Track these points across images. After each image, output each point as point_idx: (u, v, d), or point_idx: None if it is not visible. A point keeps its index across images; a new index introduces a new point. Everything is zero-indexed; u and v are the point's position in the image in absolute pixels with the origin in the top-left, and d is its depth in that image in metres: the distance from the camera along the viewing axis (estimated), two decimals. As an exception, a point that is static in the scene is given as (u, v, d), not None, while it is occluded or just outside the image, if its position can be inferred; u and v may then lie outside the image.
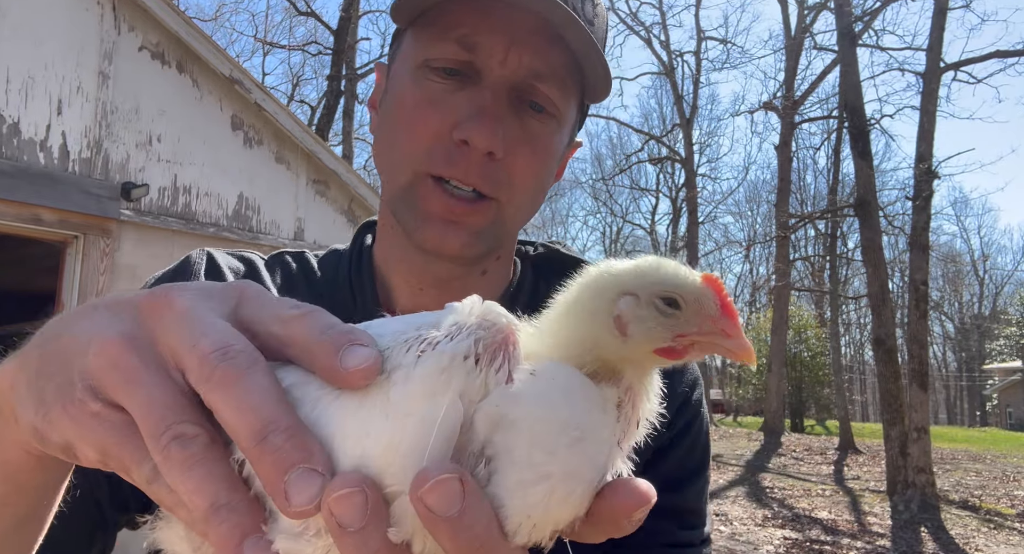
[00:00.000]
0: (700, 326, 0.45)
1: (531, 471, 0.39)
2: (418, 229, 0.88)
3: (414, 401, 0.38)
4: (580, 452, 0.40)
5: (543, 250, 1.09)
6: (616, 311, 0.45)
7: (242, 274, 0.97)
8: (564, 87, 0.89)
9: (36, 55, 6.29)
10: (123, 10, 6.81)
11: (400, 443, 0.38)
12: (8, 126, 6.16)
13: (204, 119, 7.48)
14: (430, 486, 0.37)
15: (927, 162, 12.90)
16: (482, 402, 0.40)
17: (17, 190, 6.09)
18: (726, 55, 46.48)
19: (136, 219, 6.92)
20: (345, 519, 0.37)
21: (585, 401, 0.42)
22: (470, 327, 0.41)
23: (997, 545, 9.62)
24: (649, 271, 0.46)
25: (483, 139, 0.82)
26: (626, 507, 0.42)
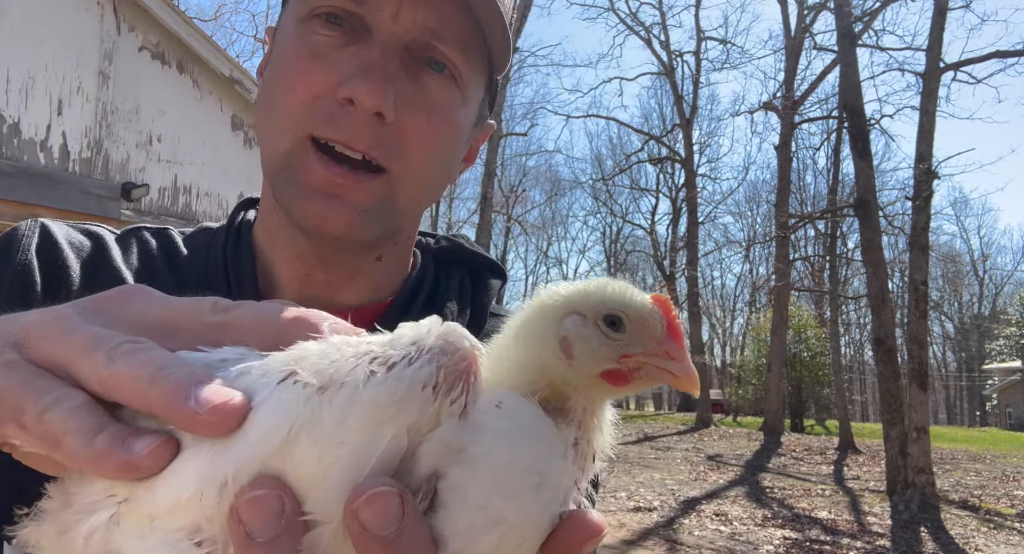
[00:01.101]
0: (646, 347, 0.44)
1: (484, 515, 0.36)
2: (296, 204, 0.77)
3: (353, 430, 0.34)
4: (538, 499, 0.38)
5: (446, 243, 1.01)
6: (562, 332, 0.44)
7: (87, 250, 0.83)
8: (466, 53, 0.80)
9: (36, 55, 6.29)
10: (123, 10, 6.81)
11: (328, 471, 0.34)
12: (8, 126, 6.17)
13: (204, 119, 7.48)
14: (367, 498, 0.33)
15: (927, 162, 12.90)
16: (438, 431, 0.36)
17: (17, 190, 6.09)
18: (726, 55, 46.51)
19: (136, 219, 6.92)
20: (255, 526, 0.33)
21: (547, 445, 0.40)
22: (432, 351, 0.37)
23: (997, 545, 9.62)
24: (595, 291, 0.45)
25: (370, 96, 0.73)
26: (578, 539, 0.40)
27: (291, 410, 0.35)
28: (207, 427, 0.35)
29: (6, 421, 0.38)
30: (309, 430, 0.34)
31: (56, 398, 0.37)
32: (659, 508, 11.16)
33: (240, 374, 0.38)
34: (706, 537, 9.47)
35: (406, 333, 0.39)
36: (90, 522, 0.37)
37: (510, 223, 49.83)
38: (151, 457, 0.36)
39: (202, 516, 0.35)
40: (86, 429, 0.36)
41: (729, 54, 42.50)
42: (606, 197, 51.57)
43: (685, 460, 17.48)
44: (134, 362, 0.38)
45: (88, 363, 0.39)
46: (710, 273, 60.35)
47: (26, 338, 0.41)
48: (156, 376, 0.37)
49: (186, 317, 0.44)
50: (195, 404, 0.35)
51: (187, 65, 7.32)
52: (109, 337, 0.40)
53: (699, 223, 36.46)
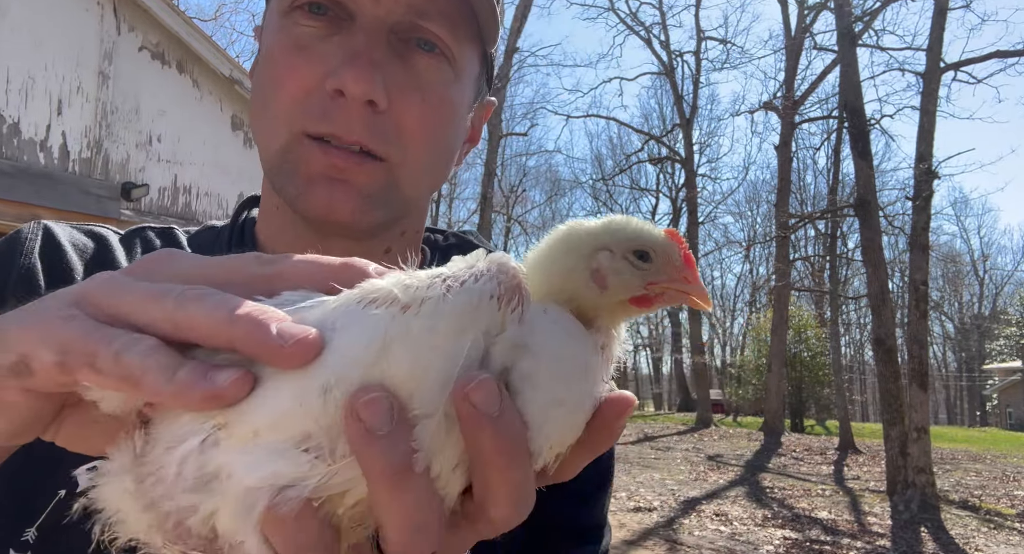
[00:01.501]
0: (668, 274, 0.51)
1: (549, 396, 0.43)
2: (301, 195, 0.76)
3: (441, 336, 0.40)
4: (586, 383, 0.45)
5: (455, 240, 1.01)
6: (594, 265, 0.50)
7: (90, 251, 0.83)
8: (455, 28, 0.78)
9: (36, 55, 6.29)
10: (123, 10, 6.81)
11: (426, 372, 0.39)
12: (8, 126, 6.17)
13: (204, 119, 7.49)
14: (476, 384, 0.39)
15: (927, 162, 12.90)
16: (505, 334, 0.42)
17: (17, 190, 6.09)
18: (726, 55, 46.53)
19: (136, 219, 6.92)
20: (375, 421, 0.37)
21: (585, 341, 0.47)
22: (491, 271, 0.43)
23: (997, 545, 9.62)
24: (621, 227, 0.51)
25: (358, 86, 0.71)
26: (615, 413, 0.46)
27: (381, 325, 0.39)
28: (292, 359, 0.38)
29: (80, 366, 0.39)
30: (402, 341, 0.39)
31: (129, 341, 0.39)
32: (659, 508, 11.16)
33: (314, 306, 0.42)
34: (706, 537, 9.47)
35: (460, 262, 0.44)
36: (182, 449, 0.39)
37: (510, 223, 49.84)
38: (234, 386, 0.38)
39: (309, 424, 0.38)
40: (165, 366, 0.38)
41: (729, 54, 42.55)
42: (606, 197, 51.61)
43: (685, 460, 17.48)
44: (207, 304, 0.39)
45: (157, 308, 0.40)
46: (710, 273, 60.37)
47: (84, 298, 0.42)
48: (232, 315, 0.39)
49: (232, 271, 0.45)
50: (279, 338, 0.38)
51: (187, 65, 7.32)
52: (172, 287, 0.41)
53: (699, 223, 36.46)
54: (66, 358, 0.39)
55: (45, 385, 0.41)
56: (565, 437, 0.44)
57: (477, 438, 0.39)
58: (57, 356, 0.39)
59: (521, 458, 0.41)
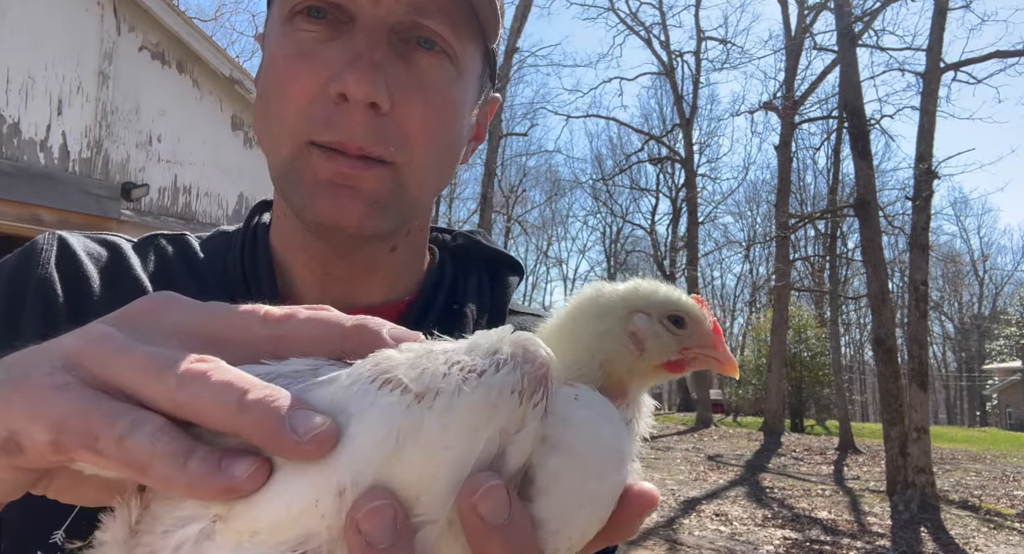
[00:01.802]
0: (701, 341, 0.52)
1: (580, 495, 0.40)
2: (309, 204, 0.76)
3: (453, 435, 0.37)
4: (618, 475, 0.42)
5: (463, 240, 1.00)
6: (632, 328, 0.50)
7: (104, 260, 0.83)
8: (455, 25, 0.77)
9: (36, 55, 6.30)
10: (123, 10, 6.82)
11: (436, 474, 0.37)
12: (8, 126, 6.17)
13: (204, 119, 7.49)
14: (483, 492, 0.36)
15: (927, 162, 12.90)
16: (527, 430, 0.40)
17: (17, 190, 6.09)
18: (726, 55, 46.51)
19: (136, 219, 6.92)
20: (375, 535, 0.34)
21: (620, 426, 0.45)
22: (515, 358, 0.40)
23: (997, 545, 9.62)
24: (654, 292, 0.52)
25: (360, 88, 0.70)
26: (640, 509, 0.43)
27: (395, 418, 0.37)
28: (308, 455, 0.36)
29: (76, 447, 0.36)
30: (414, 437, 0.37)
31: (132, 422, 0.36)
32: (659, 508, 11.15)
33: (327, 382, 0.39)
34: (706, 537, 9.47)
35: (483, 342, 0.41)
36: (179, 534, 0.37)
37: (510, 223, 49.82)
38: (251, 480, 0.36)
39: (312, 526, 0.36)
40: (175, 453, 0.36)
41: (729, 54, 42.53)
42: (606, 197, 51.59)
43: (685, 460, 17.48)
44: (213, 386, 0.37)
45: (157, 386, 0.37)
46: (710, 273, 60.37)
47: (76, 360, 0.39)
48: (243, 402, 0.36)
49: (234, 330, 0.43)
50: (294, 434, 0.36)
51: (187, 65, 7.32)
52: (172, 356, 0.38)
53: (699, 223, 36.45)
54: (61, 438, 0.36)
55: (36, 463, 0.38)
56: (587, 534, 0.42)
57: (484, 548, 0.37)
58: (51, 435, 0.36)
59: None
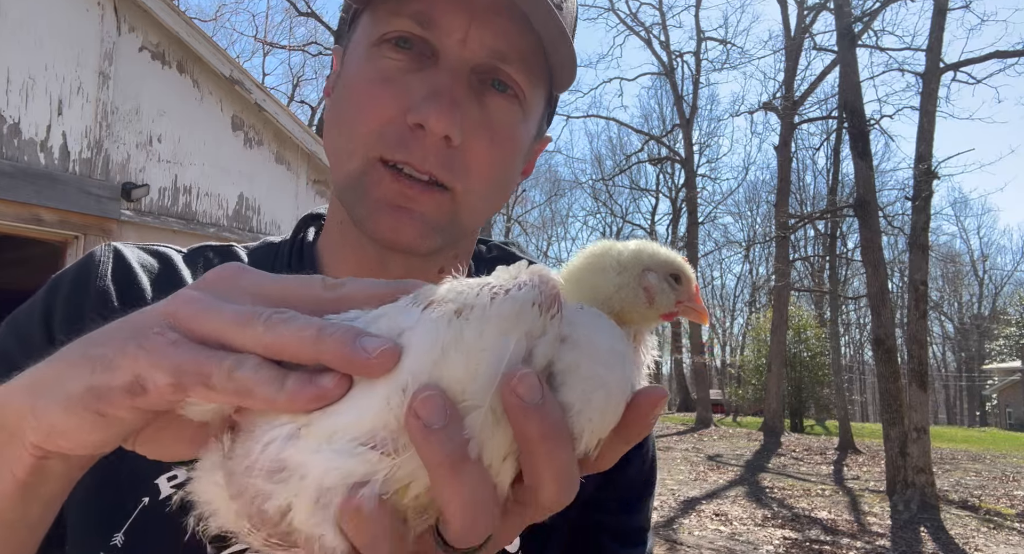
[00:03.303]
0: (688, 296, 0.62)
1: (592, 381, 0.48)
2: (370, 217, 0.82)
3: (490, 338, 0.45)
4: (624, 369, 0.51)
5: (498, 253, 1.06)
6: (644, 284, 0.59)
7: (156, 271, 0.88)
8: (530, 72, 0.83)
9: (36, 55, 6.30)
10: (123, 10, 6.82)
11: (477, 369, 0.44)
12: (8, 126, 6.17)
13: (204, 119, 7.49)
14: (519, 378, 0.43)
15: (927, 162, 12.90)
16: (546, 336, 0.47)
17: (17, 190, 6.10)
18: (726, 56, 46.59)
19: (136, 219, 6.92)
20: (430, 417, 0.41)
21: (621, 334, 0.54)
22: (532, 281, 0.48)
23: (997, 545, 9.63)
24: (658, 253, 0.62)
25: (440, 123, 0.76)
26: (650, 403, 0.50)
27: (440, 329, 0.45)
28: (377, 369, 0.43)
29: (194, 385, 0.44)
30: (456, 344, 0.44)
31: (236, 361, 0.44)
32: (659, 508, 11.16)
33: (382, 315, 0.47)
34: (706, 537, 9.47)
35: (504, 273, 0.50)
36: (267, 444, 0.44)
37: (510, 223, 49.82)
38: (338, 387, 0.43)
39: (379, 423, 0.43)
40: (274, 378, 0.43)
41: (729, 54, 42.58)
42: (606, 197, 51.60)
43: (685, 460, 17.48)
44: (293, 326, 0.44)
45: (248, 332, 0.45)
46: (710, 273, 60.39)
47: (175, 319, 0.47)
48: (319, 335, 0.44)
49: (299, 293, 0.50)
50: (365, 353, 0.43)
51: (187, 65, 7.32)
52: (257, 310, 0.46)
53: (699, 223, 36.48)
54: (181, 379, 0.44)
55: (156, 403, 0.46)
56: (606, 420, 0.49)
57: (523, 426, 0.44)
58: (172, 377, 0.44)
59: (564, 441, 0.45)
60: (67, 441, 0.47)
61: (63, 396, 0.46)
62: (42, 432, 0.47)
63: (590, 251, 0.62)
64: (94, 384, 0.45)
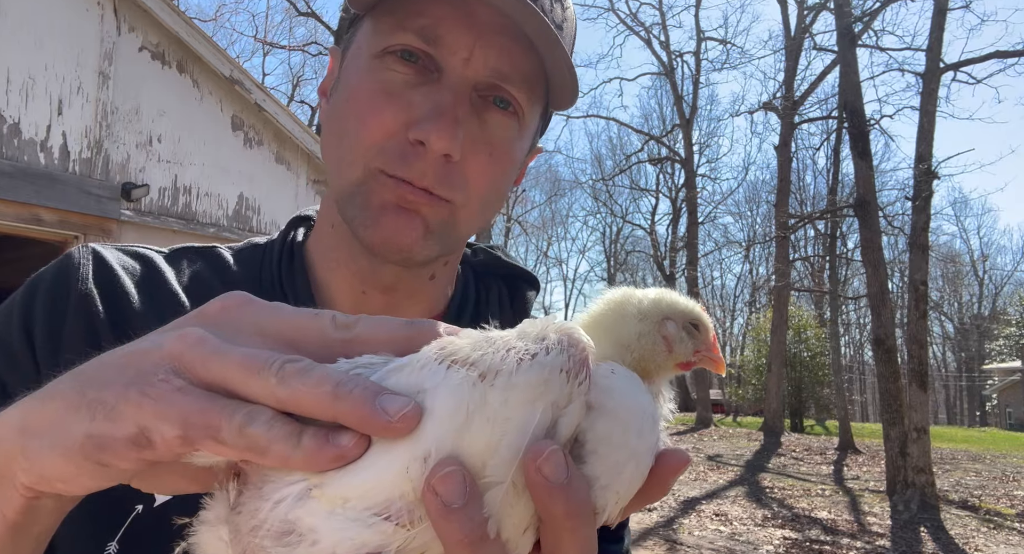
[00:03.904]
0: (706, 345, 0.61)
1: (625, 451, 0.46)
2: (368, 224, 0.81)
3: (514, 407, 0.42)
4: (655, 433, 0.49)
5: (484, 257, 1.06)
6: (663, 333, 0.59)
7: (139, 274, 0.85)
8: (531, 91, 0.85)
9: (36, 55, 6.30)
10: (123, 10, 6.82)
11: (500, 441, 0.42)
12: (8, 126, 6.17)
13: (204, 119, 7.49)
14: (545, 456, 0.41)
15: (927, 162, 12.90)
16: (574, 404, 0.45)
17: (17, 190, 6.10)
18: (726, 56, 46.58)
19: (136, 219, 6.92)
20: (450, 496, 0.39)
21: (649, 395, 0.52)
22: (562, 343, 0.46)
23: (997, 545, 9.62)
24: (677, 302, 0.61)
25: (441, 142, 0.77)
26: (674, 469, 0.49)
27: (463, 393, 0.42)
28: (398, 432, 0.41)
29: (203, 439, 0.42)
30: (480, 411, 0.42)
31: (248, 414, 0.42)
32: (659, 508, 11.16)
33: (398, 368, 0.45)
34: (706, 537, 9.47)
35: (531, 330, 0.47)
36: (277, 504, 0.42)
37: (510, 223, 49.82)
38: (356, 447, 0.41)
39: (395, 493, 0.41)
40: (289, 434, 0.41)
41: (729, 54, 42.60)
42: (606, 197, 51.60)
43: (685, 460, 17.45)
44: (309, 381, 0.42)
45: (259, 383, 0.42)
46: (710, 273, 60.40)
47: (180, 363, 0.44)
48: (337, 392, 0.41)
49: (308, 332, 0.48)
50: (385, 415, 0.41)
51: (187, 65, 7.32)
52: (268, 357, 0.43)
53: (699, 223, 36.45)
54: (189, 432, 0.42)
55: (164, 456, 0.43)
56: (632, 490, 0.47)
57: (547, 504, 0.42)
58: (180, 430, 0.42)
59: (589, 518, 0.44)
60: (64, 485, 0.45)
61: (61, 442, 0.43)
62: (35, 475, 0.44)
63: (611, 298, 0.61)
64: (94, 433, 0.43)
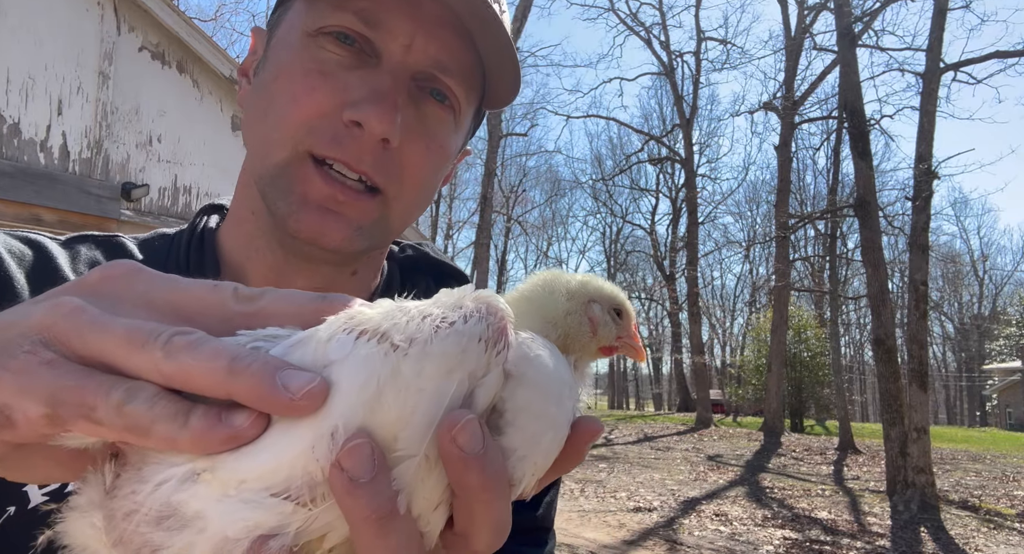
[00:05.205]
0: (628, 332, 0.62)
1: (544, 420, 0.45)
2: (293, 215, 0.77)
3: (429, 377, 0.40)
4: (572, 402, 0.48)
5: (412, 252, 1.04)
6: (589, 314, 0.59)
7: (30, 260, 0.78)
8: (468, 87, 0.83)
9: (36, 55, 6.29)
10: (123, 10, 6.81)
11: (413, 413, 0.39)
12: (8, 126, 6.17)
13: (204, 119, 7.49)
14: (461, 426, 0.39)
15: (927, 162, 12.90)
16: (491, 375, 0.43)
17: (17, 190, 6.09)
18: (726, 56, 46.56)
19: (136, 219, 6.92)
20: (356, 470, 0.36)
21: (566, 363, 0.51)
22: (480, 311, 0.43)
23: (997, 545, 9.62)
24: (603, 287, 0.62)
25: (380, 124, 0.74)
26: (589, 436, 0.48)
27: (374, 365, 0.39)
28: (302, 410, 0.37)
29: (74, 418, 0.37)
30: (392, 381, 0.39)
31: (127, 391, 0.37)
32: (659, 508, 11.16)
33: (304, 339, 0.41)
34: (706, 537, 9.47)
35: (448, 298, 0.45)
36: (159, 488, 0.38)
37: (510, 223, 49.82)
38: (253, 427, 0.37)
39: (297, 471, 0.37)
40: (175, 413, 0.37)
41: (729, 54, 42.57)
42: (606, 197, 51.62)
43: (685, 460, 17.48)
44: (200, 354, 0.37)
45: (143, 357, 0.38)
46: (710, 273, 60.41)
47: (52, 334, 0.39)
48: (233, 367, 0.37)
49: (207, 305, 0.43)
50: (287, 392, 0.37)
51: (187, 65, 7.32)
52: (153, 329, 0.38)
53: (699, 223, 36.45)
54: (58, 410, 0.37)
55: (27, 437, 0.38)
56: (549, 459, 0.46)
57: (462, 476, 0.40)
58: (46, 408, 0.37)
59: (504, 490, 0.42)
60: None
61: None
62: None
63: (541, 276, 0.61)
64: None
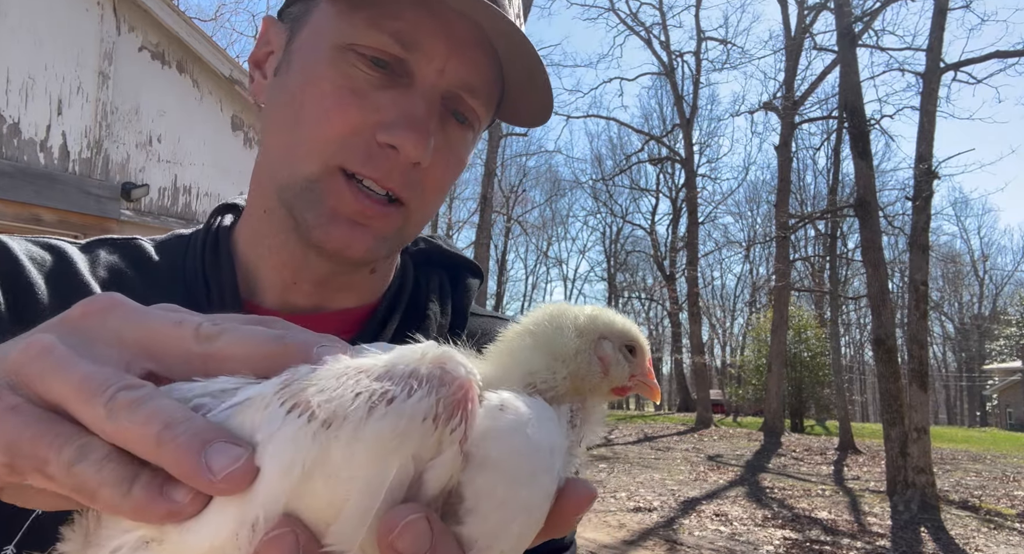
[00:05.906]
0: (642, 370, 0.56)
1: (513, 506, 0.39)
2: (321, 227, 0.79)
3: (360, 464, 0.35)
4: (552, 474, 0.41)
5: (424, 245, 1.05)
6: (599, 353, 0.53)
7: (49, 265, 0.80)
8: (489, 105, 0.86)
9: (36, 55, 6.29)
10: (123, 10, 6.81)
11: (345, 503, 0.35)
12: (8, 126, 6.17)
13: (204, 119, 7.49)
14: (400, 529, 0.35)
15: (927, 162, 12.90)
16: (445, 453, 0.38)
17: (17, 190, 6.09)
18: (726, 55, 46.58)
19: (136, 219, 6.92)
20: None
21: (549, 423, 0.44)
22: (431, 381, 0.38)
23: (997, 545, 9.62)
24: (619, 321, 0.56)
25: (416, 150, 0.77)
26: (577, 506, 0.43)
27: (301, 446, 0.36)
28: (224, 491, 0.36)
29: (29, 470, 0.37)
30: (321, 466, 0.35)
31: (79, 448, 0.37)
32: (659, 508, 11.16)
33: (241, 407, 0.39)
34: (706, 537, 9.47)
35: (400, 362, 0.39)
36: (118, 540, 0.38)
37: (510, 223, 49.83)
38: (192, 504, 0.36)
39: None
40: (120, 480, 0.36)
41: (729, 54, 42.57)
42: (606, 197, 51.60)
43: (685, 460, 17.48)
44: (136, 417, 0.37)
45: (89, 412, 0.38)
46: (710, 273, 60.40)
47: (18, 377, 0.40)
48: (161, 437, 0.36)
49: (170, 343, 0.43)
50: (208, 472, 0.35)
51: (187, 65, 7.32)
52: (104, 380, 0.38)
53: (699, 223, 36.44)
54: (15, 461, 0.37)
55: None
56: (523, 543, 0.41)
57: None
58: (5, 457, 0.37)
59: None
60: None
61: None
62: None
63: (547, 309, 0.56)
64: None
